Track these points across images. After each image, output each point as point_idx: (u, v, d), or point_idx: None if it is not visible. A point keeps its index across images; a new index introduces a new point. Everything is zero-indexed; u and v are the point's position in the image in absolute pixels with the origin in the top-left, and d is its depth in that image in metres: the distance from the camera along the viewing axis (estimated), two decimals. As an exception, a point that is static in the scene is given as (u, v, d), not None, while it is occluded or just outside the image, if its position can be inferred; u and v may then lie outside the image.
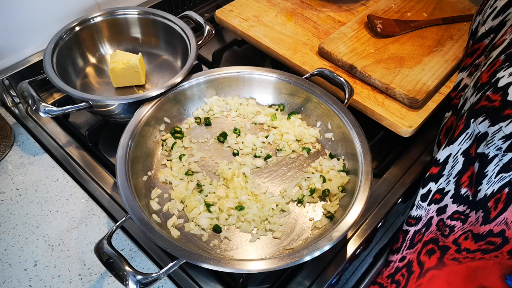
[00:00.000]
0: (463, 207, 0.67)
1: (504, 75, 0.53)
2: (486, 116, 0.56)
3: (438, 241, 0.74)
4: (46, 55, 0.78)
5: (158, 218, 0.66)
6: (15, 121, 0.85)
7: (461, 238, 0.71)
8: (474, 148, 0.59)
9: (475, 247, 0.70)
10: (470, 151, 0.60)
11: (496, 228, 0.63)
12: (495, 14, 0.70)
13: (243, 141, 0.78)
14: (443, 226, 0.71)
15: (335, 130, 0.78)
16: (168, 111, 0.78)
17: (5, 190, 0.74)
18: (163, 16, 0.89)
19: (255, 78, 0.82)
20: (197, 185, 0.72)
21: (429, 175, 0.68)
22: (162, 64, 0.93)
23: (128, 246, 0.68)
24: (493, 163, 0.57)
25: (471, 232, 0.68)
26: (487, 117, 0.55)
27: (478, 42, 0.74)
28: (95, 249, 0.56)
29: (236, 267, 0.56)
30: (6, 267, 0.65)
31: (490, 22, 0.71)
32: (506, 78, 0.53)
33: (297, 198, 0.71)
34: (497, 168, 0.57)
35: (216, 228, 0.67)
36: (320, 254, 0.58)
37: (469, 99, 0.62)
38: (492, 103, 0.54)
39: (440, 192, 0.68)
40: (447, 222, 0.70)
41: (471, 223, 0.67)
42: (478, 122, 0.56)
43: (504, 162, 0.56)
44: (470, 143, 0.60)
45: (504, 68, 0.54)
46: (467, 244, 0.70)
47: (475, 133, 0.58)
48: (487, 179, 0.59)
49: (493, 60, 0.59)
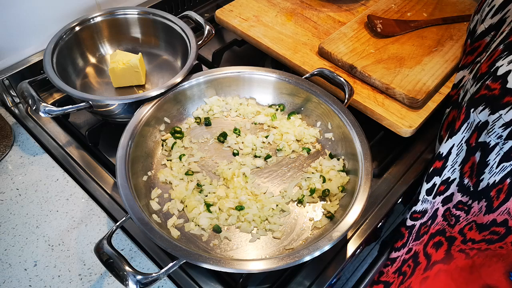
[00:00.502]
0: (466, 197, 0.67)
1: (503, 64, 0.54)
2: (486, 104, 0.56)
3: (445, 232, 0.75)
4: (46, 55, 0.78)
5: (158, 218, 0.66)
6: (15, 121, 0.85)
7: (466, 229, 0.71)
8: (475, 138, 0.59)
9: (479, 237, 0.70)
10: (471, 141, 0.60)
11: (499, 217, 0.64)
12: (494, 12, 0.70)
13: (243, 141, 0.78)
14: (450, 215, 0.72)
15: (335, 130, 0.78)
16: (168, 111, 0.78)
17: (5, 190, 0.74)
18: (163, 16, 0.89)
19: (255, 78, 0.82)
20: (197, 185, 0.72)
21: (433, 170, 0.69)
22: (162, 64, 0.93)
23: (128, 246, 0.68)
24: (494, 152, 0.58)
25: (475, 222, 0.69)
26: (487, 106, 0.56)
27: (478, 40, 0.74)
28: (95, 249, 0.56)
29: (236, 267, 0.56)
30: (6, 267, 0.65)
31: (489, 20, 0.71)
32: (505, 66, 0.53)
33: (297, 198, 0.71)
34: (498, 157, 0.58)
35: (216, 228, 0.67)
36: (320, 254, 0.58)
37: (469, 90, 0.62)
38: (492, 91, 0.55)
39: (445, 182, 0.69)
40: (453, 211, 0.71)
41: (474, 213, 0.68)
42: (478, 111, 0.57)
43: (505, 150, 0.56)
44: (470, 133, 0.60)
45: (503, 57, 0.55)
46: (472, 235, 0.71)
47: (476, 123, 0.58)
48: (489, 169, 0.60)
49: (492, 51, 0.59)
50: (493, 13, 0.70)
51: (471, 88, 0.62)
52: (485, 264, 0.75)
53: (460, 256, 0.77)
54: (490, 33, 0.71)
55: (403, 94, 0.80)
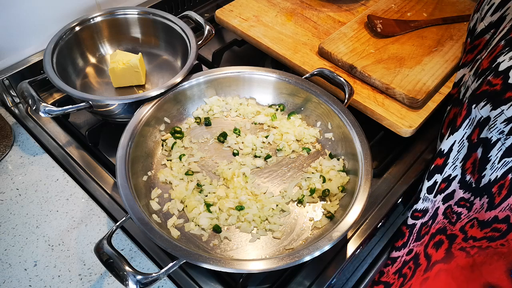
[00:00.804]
0: (468, 194, 0.67)
1: (505, 59, 0.54)
2: (487, 100, 0.56)
3: (446, 230, 0.75)
4: (46, 55, 0.78)
5: (158, 218, 0.66)
6: (15, 121, 0.85)
7: (467, 226, 0.71)
8: (477, 134, 0.59)
9: (481, 234, 0.70)
10: (472, 137, 0.60)
11: (501, 214, 0.64)
12: (493, 10, 0.70)
13: (243, 141, 0.78)
14: (451, 213, 0.72)
15: (335, 130, 0.78)
16: (168, 111, 0.78)
17: (5, 190, 0.74)
18: (163, 16, 0.89)
19: (255, 78, 0.82)
20: (197, 185, 0.72)
21: (434, 167, 0.69)
22: (162, 64, 0.93)
23: (128, 246, 0.68)
24: (496, 148, 0.58)
25: (476, 219, 0.69)
26: (488, 101, 0.56)
27: (478, 38, 0.74)
28: (95, 249, 0.56)
29: (236, 267, 0.56)
30: (6, 267, 0.65)
31: (489, 18, 0.71)
32: (507, 62, 0.53)
33: (297, 198, 0.71)
34: (500, 152, 0.58)
35: (216, 228, 0.67)
36: (320, 254, 0.58)
37: (470, 86, 0.62)
38: (493, 87, 0.55)
39: (445, 180, 0.69)
40: (454, 208, 0.71)
41: (476, 210, 0.68)
42: (480, 107, 0.57)
43: (507, 146, 0.56)
44: (472, 129, 0.60)
45: (504, 53, 0.55)
46: (473, 232, 0.71)
47: (477, 119, 0.58)
48: (491, 164, 0.60)
49: (494, 47, 0.59)
50: (493, 11, 0.70)
51: (472, 84, 0.62)
52: (486, 262, 0.75)
53: (461, 255, 0.76)
54: (490, 30, 0.71)
55: (403, 94, 0.80)
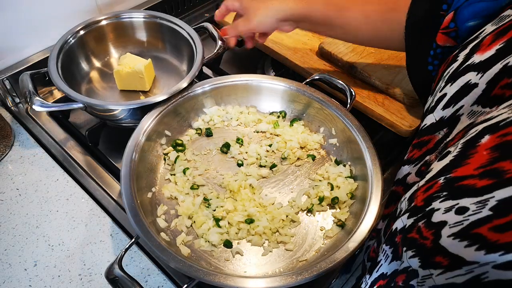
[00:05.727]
0: None
1: (440, 208, 0.40)
2: (416, 252, 0.42)
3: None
4: (51, 58, 0.77)
5: (166, 236, 0.64)
6: (15, 121, 0.85)
7: None
8: (404, 279, 0.45)
9: None
10: (397, 278, 0.46)
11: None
12: (446, 102, 0.52)
13: (247, 151, 0.77)
14: None
15: (340, 135, 0.77)
16: (169, 123, 0.76)
17: (5, 190, 0.73)
18: (170, 20, 0.88)
19: (254, 85, 0.81)
20: (204, 199, 0.70)
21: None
22: (168, 68, 0.92)
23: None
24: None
25: None
26: (417, 255, 0.42)
27: (428, 134, 0.56)
28: (106, 275, 0.55)
29: (256, 285, 0.55)
30: (6, 267, 0.65)
31: (440, 112, 0.54)
32: (441, 214, 0.40)
33: (306, 207, 0.70)
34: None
35: (227, 243, 0.65)
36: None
37: (401, 217, 0.47)
38: (424, 240, 0.41)
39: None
40: None
41: None
42: (408, 256, 0.44)
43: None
44: (400, 271, 0.46)
45: (441, 198, 0.41)
46: None
47: (405, 265, 0.44)
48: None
49: (431, 179, 0.44)
50: (445, 104, 0.52)
51: (403, 216, 0.46)
52: None
53: None
54: (442, 128, 0.53)
55: (403, 94, 0.80)
